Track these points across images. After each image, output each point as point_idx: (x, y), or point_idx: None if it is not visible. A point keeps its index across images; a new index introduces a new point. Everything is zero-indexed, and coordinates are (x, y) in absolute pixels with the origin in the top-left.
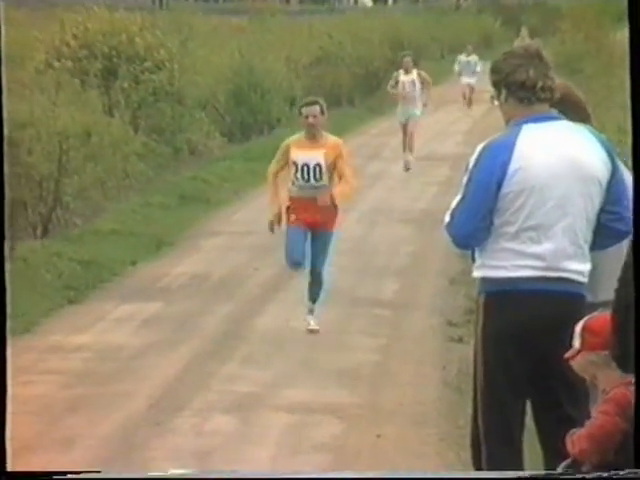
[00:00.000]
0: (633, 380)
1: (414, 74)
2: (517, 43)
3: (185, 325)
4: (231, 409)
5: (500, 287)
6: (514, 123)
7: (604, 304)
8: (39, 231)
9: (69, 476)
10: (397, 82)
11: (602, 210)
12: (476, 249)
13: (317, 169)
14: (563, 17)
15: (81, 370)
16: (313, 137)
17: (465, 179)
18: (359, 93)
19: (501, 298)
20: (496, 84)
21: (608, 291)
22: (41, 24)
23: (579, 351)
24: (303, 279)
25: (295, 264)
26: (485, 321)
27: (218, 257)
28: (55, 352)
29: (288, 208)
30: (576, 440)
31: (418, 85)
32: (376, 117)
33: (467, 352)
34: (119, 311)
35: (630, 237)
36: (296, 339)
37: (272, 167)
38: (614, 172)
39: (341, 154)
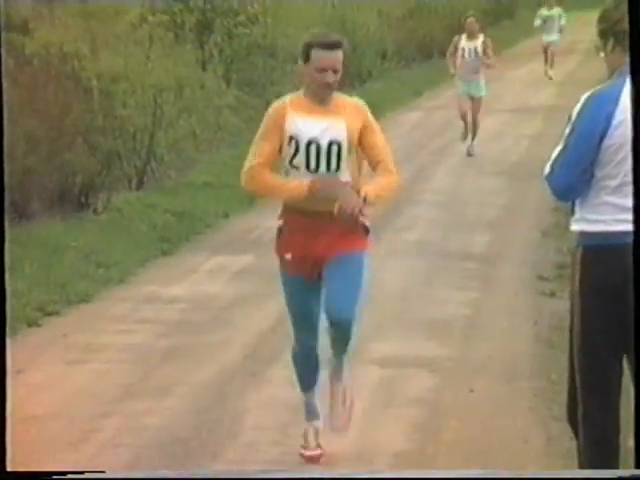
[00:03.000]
0: None
1: (479, 40)
2: None
3: (276, 278)
4: (323, 362)
5: (599, 241)
6: (620, 74)
7: None
8: (134, 183)
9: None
10: (456, 49)
11: None
12: (576, 202)
13: (333, 150)
14: None
15: (176, 320)
16: (324, 100)
17: (567, 129)
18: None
19: (600, 252)
20: (603, 33)
21: None
22: None
23: None
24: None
25: (308, 350)
26: (582, 275)
27: None
28: (150, 302)
29: (280, 231)
30: None
31: (481, 54)
32: None
33: (559, 307)
34: (211, 263)
35: None
36: (386, 292)
37: (253, 160)
38: None
39: (371, 124)
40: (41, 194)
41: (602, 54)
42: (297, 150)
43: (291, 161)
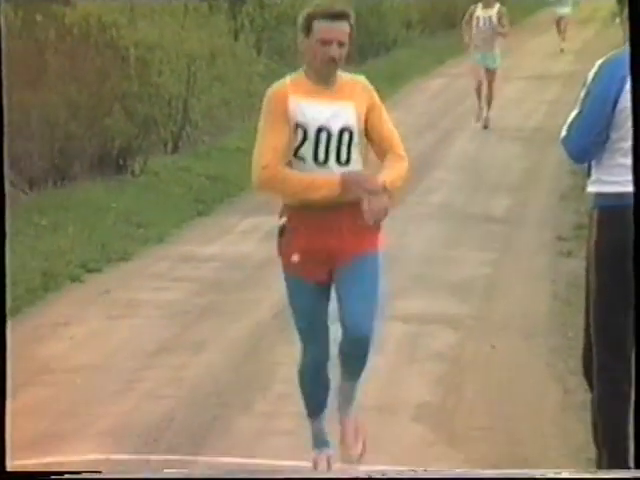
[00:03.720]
0: None
1: (495, 9)
2: None
3: None
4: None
5: (614, 202)
6: (629, 44)
7: None
8: (169, 147)
9: (66, 476)
10: (472, 18)
11: None
12: (592, 164)
13: (345, 139)
14: None
15: (211, 278)
16: (327, 79)
17: (583, 93)
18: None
19: (615, 213)
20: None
21: None
22: None
23: None
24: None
25: (320, 363)
26: (598, 235)
27: None
28: (187, 261)
29: (283, 230)
30: None
31: (496, 24)
32: None
33: (576, 266)
34: (245, 224)
35: None
36: (410, 253)
37: (264, 156)
38: None
39: (377, 105)
40: (82, 158)
41: (618, 20)
42: (305, 139)
43: (296, 152)
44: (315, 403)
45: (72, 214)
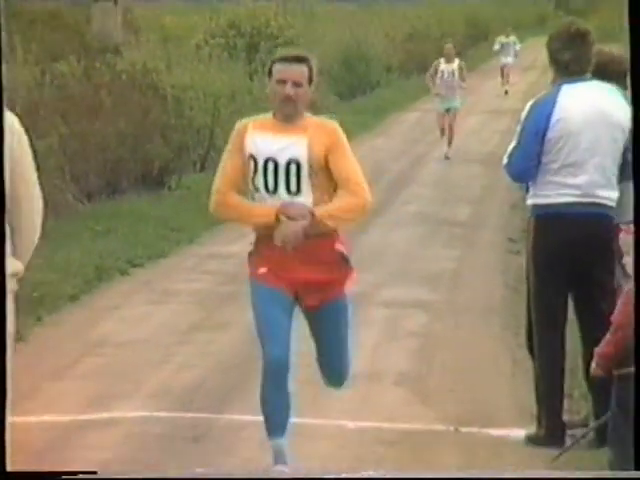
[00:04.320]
0: None
1: (455, 64)
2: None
3: None
4: (353, 300)
5: (546, 211)
6: (556, 84)
7: (628, 223)
8: (198, 167)
9: (64, 477)
10: (436, 71)
11: (626, 149)
12: (529, 183)
13: (292, 170)
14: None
15: (232, 272)
16: (288, 118)
17: (518, 129)
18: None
19: (547, 220)
20: (548, 57)
21: (627, 214)
22: (198, 11)
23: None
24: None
25: (277, 367)
26: (535, 238)
27: None
28: (213, 258)
29: (251, 254)
30: (600, 350)
31: (457, 75)
32: None
33: (522, 262)
34: None
35: None
36: (392, 251)
37: (217, 184)
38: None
39: (339, 145)
40: (129, 176)
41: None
42: (256, 169)
43: (253, 182)
44: (275, 417)
45: (121, 221)
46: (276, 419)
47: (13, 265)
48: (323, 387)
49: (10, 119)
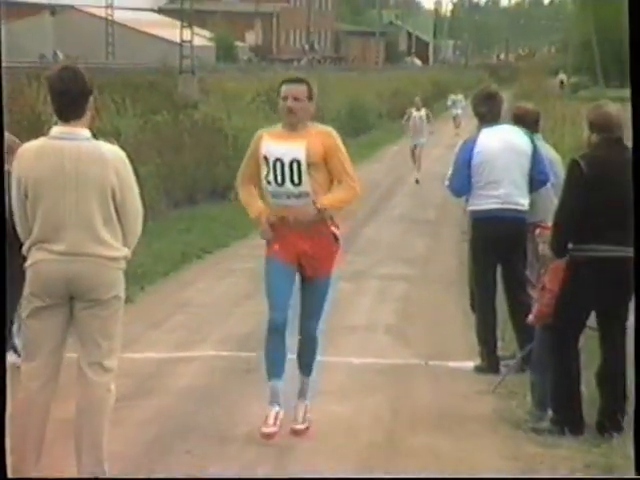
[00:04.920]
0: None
1: (422, 111)
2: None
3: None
4: (350, 278)
5: (479, 215)
6: (478, 129)
7: (539, 222)
8: None
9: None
10: (409, 117)
11: (531, 170)
12: (467, 196)
13: (294, 167)
14: (521, 72)
15: None
16: (292, 127)
17: (454, 159)
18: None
19: (480, 220)
20: (472, 110)
21: (539, 215)
22: (249, 78)
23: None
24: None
25: (276, 326)
26: (472, 233)
27: None
28: (260, 248)
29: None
30: (540, 310)
31: (425, 120)
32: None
33: None
34: None
35: (550, 183)
36: (383, 242)
37: (239, 174)
38: (534, 150)
39: (334, 147)
40: (203, 192)
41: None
42: (268, 168)
43: (266, 177)
44: (273, 364)
45: (197, 222)
46: (274, 365)
47: (123, 252)
48: (336, 336)
49: (120, 154)
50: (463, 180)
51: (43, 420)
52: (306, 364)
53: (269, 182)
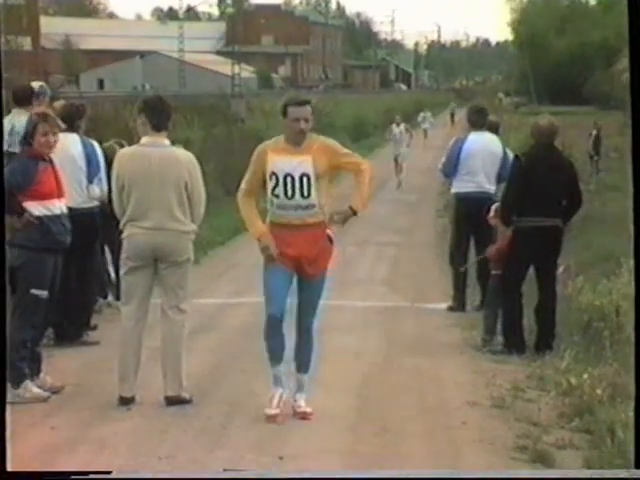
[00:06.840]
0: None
1: (402, 127)
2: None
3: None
4: (355, 244)
5: (459, 195)
6: (467, 133)
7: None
8: None
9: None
10: (391, 131)
11: (500, 167)
12: (451, 179)
13: (304, 181)
14: (477, 94)
15: None
16: (297, 142)
17: (447, 150)
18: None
19: (460, 199)
20: (466, 118)
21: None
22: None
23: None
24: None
25: (275, 321)
26: (455, 208)
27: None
28: None
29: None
30: (493, 252)
31: (404, 134)
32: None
33: (444, 222)
34: None
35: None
36: (382, 223)
37: (243, 185)
38: (504, 152)
39: (336, 152)
40: (233, 186)
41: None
42: (277, 182)
43: (273, 191)
44: (273, 352)
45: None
46: (275, 354)
47: (192, 227)
48: (345, 286)
49: (190, 157)
50: (452, 167)
51: (137, 349)
52: (304, 361)
53: (276, 195)
